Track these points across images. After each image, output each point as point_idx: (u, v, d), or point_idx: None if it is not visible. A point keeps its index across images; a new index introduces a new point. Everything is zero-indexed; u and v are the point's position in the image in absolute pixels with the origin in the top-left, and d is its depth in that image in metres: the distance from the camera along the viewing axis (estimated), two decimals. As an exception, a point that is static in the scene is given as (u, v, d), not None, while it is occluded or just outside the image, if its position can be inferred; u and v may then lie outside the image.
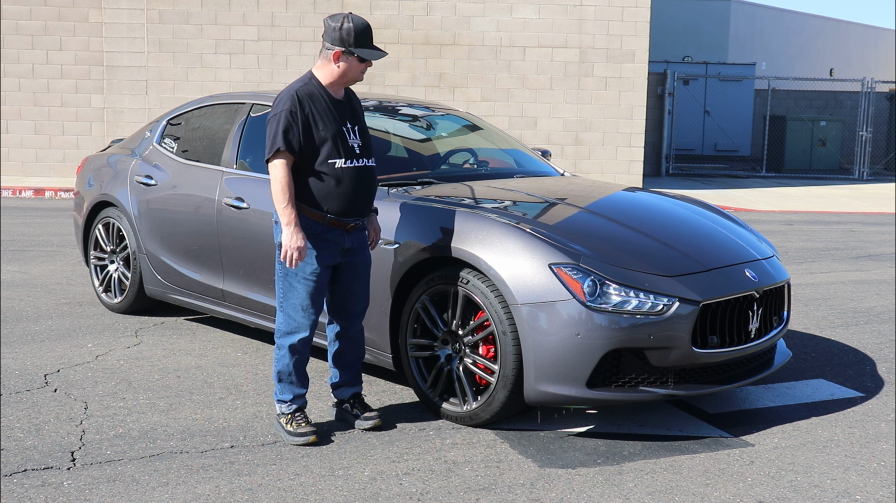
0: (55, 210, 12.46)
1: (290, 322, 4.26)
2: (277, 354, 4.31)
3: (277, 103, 4.16)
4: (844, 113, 22.27)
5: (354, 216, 4.26)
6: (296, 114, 4.10)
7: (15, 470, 3.84)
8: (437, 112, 6.45)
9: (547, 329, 4.16)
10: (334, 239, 4.23)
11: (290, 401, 4.30)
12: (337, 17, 4.18)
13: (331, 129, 4.17)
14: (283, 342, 4.28)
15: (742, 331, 4.53)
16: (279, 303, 4.29)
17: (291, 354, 4.28)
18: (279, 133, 4.08)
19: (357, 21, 4.16)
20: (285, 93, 4.17)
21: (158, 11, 15.29)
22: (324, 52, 4.20)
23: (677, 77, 19.62)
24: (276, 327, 4.32)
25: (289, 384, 4.31)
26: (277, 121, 4.11)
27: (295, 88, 4.17)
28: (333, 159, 4.17)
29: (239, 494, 3.68)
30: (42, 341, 5.78)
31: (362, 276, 4.42)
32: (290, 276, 4.21)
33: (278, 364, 4.30)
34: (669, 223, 5.04)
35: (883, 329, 6.62)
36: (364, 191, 4.28)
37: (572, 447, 4.26)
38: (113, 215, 6.49)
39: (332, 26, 4.15)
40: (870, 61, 36.79)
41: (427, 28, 15.65)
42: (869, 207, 15.13)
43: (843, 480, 3.97)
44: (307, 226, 4.16)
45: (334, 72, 4.20)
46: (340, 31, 4.13)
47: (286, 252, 4.07)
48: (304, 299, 4.22)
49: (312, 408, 4.62)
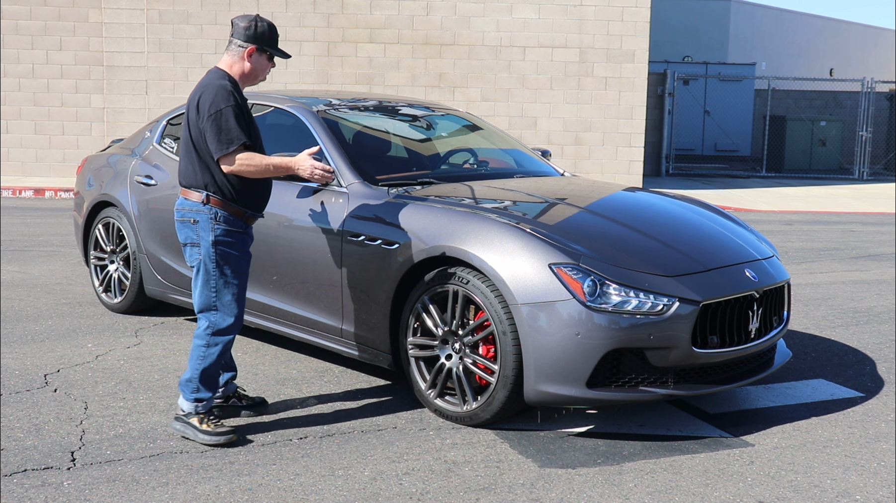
0: (55, 210, 12.46)
1: (228, 318, 4.25)
2: (206, 352, 4.25)
3: (215, 100, 4.12)
4: (844, 113, 22.28)
5: (257, 210, 4.38)
6: (239, 108, 4.16)
7: (15, 470, 3.84)
8: (437, 112, 6.45)
9: (547, 329, 4.16)
10: (250, 234, 4.36)
11: (206, 399, 4.27)
12: (246, 17, 4.30)
13: (252, 126, 4.28)
14: (219, 339, 4.26)
15: (742, 331, 4.53)
16: (212, 302, 4.24)
17: (223, 351, 4.28)
18: (234, 128, 4.11)
19: (268, 22, 4.32)
20: (218, 89, 4.15)
21: (158, 11, 15.30)
22: (234, 50, 4.27)
23: (677, 77, 19.62)
24: (212, 325, 4.26)
25: (210, 382, 4.28)
26: (224, 117, 4.11)
27: (222, 85, 4.18)
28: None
29: (239, 494, 3.68)
30: (42, 341, 5.78)
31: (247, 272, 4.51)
32: (227, 275, 4.23)
33: (205, 361, 4.24)
34: (669, 223, 5.04)
35: (883, 329, 6.62)
36: (267, 185, 4.42)
37: (572, 447, 4.26)
38: (113, 215, 6.49)
39: (243, 26, 4.25)
40: (870, 61, 36.79)
41: (427, 28, 15.65)
42: (869, 207, 15.13)
43: (843, 480, 3.97)
44: (234, 223, 4.23)
45: (246, 69, 4.28)
46: (255, 31, 4.24)
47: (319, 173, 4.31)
48: (239, 294, 4.28)
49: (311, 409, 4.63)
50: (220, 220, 4.20)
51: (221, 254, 4.21)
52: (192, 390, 4.25)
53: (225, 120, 4.11)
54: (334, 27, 15.59)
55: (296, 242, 5.14)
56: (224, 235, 4.21)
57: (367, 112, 5.99)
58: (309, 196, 5.12)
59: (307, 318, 5.13)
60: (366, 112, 5.99)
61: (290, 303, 5.21)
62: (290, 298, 5.21)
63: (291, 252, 5.16)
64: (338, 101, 5.85)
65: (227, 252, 4.22)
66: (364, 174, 5.11)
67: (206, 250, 4.22)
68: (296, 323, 5.22)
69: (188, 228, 4.25)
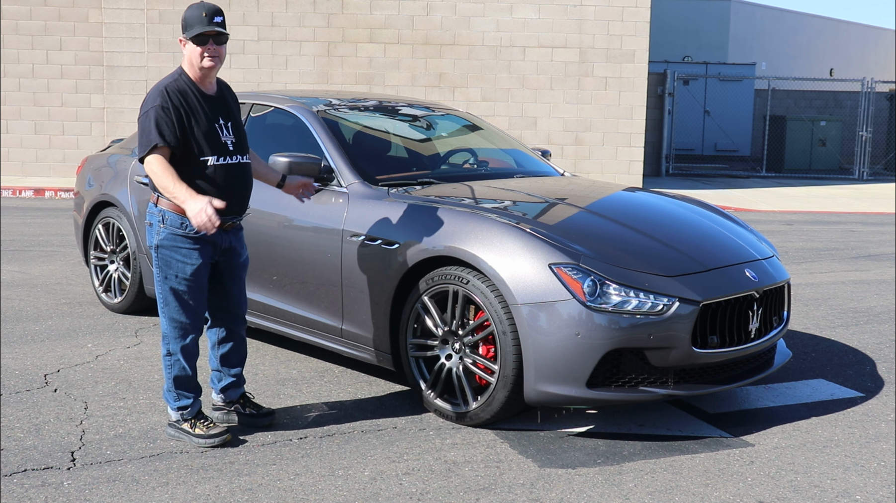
0: (55, 210, 12.46)
1: (178, 325, 4.13)
2: (169, 361, 4.16)
3: (146, 101, 4.02)
4: (844, 113, 22.27)
5: (230, 215, 4.17)
6: (168, 109, 3.96)
7: (15, 470, 3.84)
8: (437, 112, 6.45)
9: (547, 329, 4.16)
10: (210, 239, 4.12)
11: (191, 404, 4.21)
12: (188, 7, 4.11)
13: (202, 125, 4.05)
14: (174, 347, 4.15)
15: (742, 331, 4.53)
16: (161, 307, 4.15)
17: (185, 357, 4.17)
18: (152, 129, 3.93)
19: (196, 5, 4.06)
20: (154, 90, 4.03)
21: (158, 11, 15.29)
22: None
23: (677, 77, 19.61)
24: (164, 334, 4.16)
25: (188, 387, 4.22)
26: (148, 118, 3.96)
27: (164, 84, 4.04)
28: (206, 157, 4.06)
29: (239, 494, 3.68)
30: (42, 341, 5.78)
31: (240, 278, 4.35)
32: (171, 280, 4.08)
33: (173, 370, 4.17)
34: (669, 223, 5.04)
35: (883, 329, 6.62)
36: (239, 188, 4.20)
37: (572, 447, 4.26)
38: (113, 215, 6.49)
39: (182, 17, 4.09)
40: (870, 61, 36.79)
41: (427, 28, 15.65)
42: (869, 207, 15.13)
43: (843, 480, 3.97)
44: (184, 225, 4.04)
45: (186, 61, 4.10)
46: (183, 21, 4.06)
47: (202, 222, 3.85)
48: (187, 301, 4.11)
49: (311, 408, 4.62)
50: (166, 222, 4.06)
51: (163, 258, 4.08)
52: (173, 399, 4.22)
53: (147, 120, 3.96)
54: (334, 27, 15.59)
55: (296, 242, 5.14)
56: (167, 239, 4.06)
57: (367, 112, 5.99)
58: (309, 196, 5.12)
59: (307, 318, 5.13)
60: (366, 112, 5.99)
61: (291, 303, 5.21)
62: (290, 298, 5.21)
63: (291, 252, 5.16)
64: (338, 101, 5.85)
65: (170, 257, 4.07)
66: (364, 174, 5.11)
67: (153, 254, 4.12)
68: (296, 323, 5.22)
69: (148, 231, 4.17)
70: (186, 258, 4.08)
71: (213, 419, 4.36)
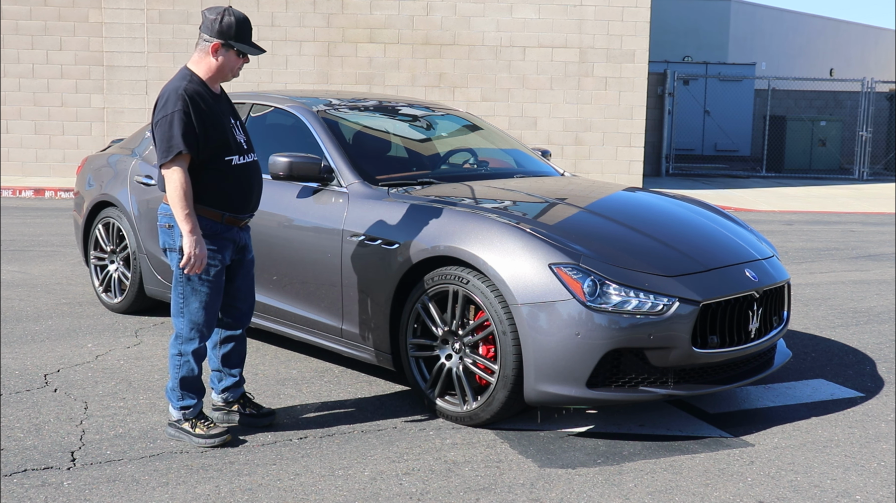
0: (55, 210, 12.46)
1: (195, 327, 4.13)
2: (179, 361, 4.16)
3: (165, 104, 3.95)
4: (844, 113, 22.28)
5: (249, 212, 4.24)
6: (188, 113, 3.92)
7: (15, 470, 3.84)
8: (437, 112, 6.45)
9: (547, 329, 4.16)
10: (231, 237, 4.16)
11: (194, 404, 4.21)
12: (215, 9, 4.04)
13: (221, 126, 4.05)
14: (187, 348, 4.15)
15: (742, 331, 4.53)
16: (179, 308, 4.14)
17: (196, 359, 4.17)
18: (176, 135, 3.89)
19: (238, 15, 4.04)
20: (170, 92, 3.96)
21: (158, 11, 15.30)
22: (201, 45, 4.05)
23: (677, 77, 19.61)
24: (178, 334, 4.16)
25: (193, 388, 4.22)
26: (170, 123, 3.91)
27: (181, 87, 3.97)
28: (229, 156, 4.08)
29: (239, 494, 3.68)
30: (42, 341, 5.78)
31: (250, 274, 4.39)
32: (194, 281, 4.08)
33: (181, 370, 4.16)
34: (669, 223, 5.04)
35: (883, 329, 6.62)
36: (258, 186, 4.27)
37: (572, 447, 4.26)
38: (113, 215, 6.49)
39: (211, 19, 4.01)
40: (870, 61, 36.80)
41: (427, 28, 15.65)
42: (869, 207, 15.13)
43: (843, 480, 3.97)
44: (206, 226, 4.05)
45: (212, 65, 4.05)
46: (220, 24, 3.99)
47: (190, 260, 3.93)
48: (208, 302, 4.12)
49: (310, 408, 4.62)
50: None
51: None
52: (177, 398, 4.21)
53: (169, 126, 3.92)
54: (334, 27, 15.59)
55: (296, 242, 5.14)
56: None
57: (367, 112, 5.99)
58: (309, 196, 5.12)
59: (307, 318, 5.13)
60: (366, 112, 5.99)
61: (291, 303, 5.21)
62: (291, 298, 5.21)
63: (291, 252, 5.16)
64: (338, 101, 5.85)
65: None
66: (364, 174, 5.11)
67: (176, 255, 4.11)
68: (296, 323, 5.22)
69: (164, 233, 4.16)
70: (210, 259, 4.09)
71: (214, 419, 4.36)
